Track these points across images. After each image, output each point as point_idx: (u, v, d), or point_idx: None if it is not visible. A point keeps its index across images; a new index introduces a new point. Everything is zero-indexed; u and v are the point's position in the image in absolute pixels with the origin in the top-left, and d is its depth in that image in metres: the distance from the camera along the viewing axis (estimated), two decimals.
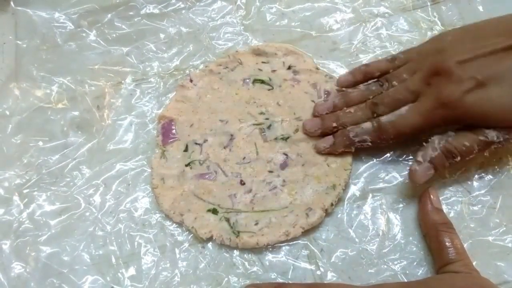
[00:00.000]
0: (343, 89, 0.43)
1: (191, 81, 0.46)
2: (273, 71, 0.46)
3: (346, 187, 0.41)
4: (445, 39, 0.39)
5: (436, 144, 0.37)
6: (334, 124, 0.40)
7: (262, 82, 0.46)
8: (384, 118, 0.38)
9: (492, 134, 0.35)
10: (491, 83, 0.35)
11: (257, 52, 0.47)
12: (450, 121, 0.37)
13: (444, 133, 0.37)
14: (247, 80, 0.46)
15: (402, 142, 0.41)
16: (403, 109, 0.38)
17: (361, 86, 0.42)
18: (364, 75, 0.42)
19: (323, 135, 0.42)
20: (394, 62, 0.41)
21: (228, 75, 0.46)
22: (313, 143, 0.42)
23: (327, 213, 0.40)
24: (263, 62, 0.47)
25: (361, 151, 0.41)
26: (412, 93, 0.38)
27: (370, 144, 0.39)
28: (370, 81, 0.42)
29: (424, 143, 0.38)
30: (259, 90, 0.45)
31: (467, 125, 0.36)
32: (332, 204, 0.40)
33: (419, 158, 0.37)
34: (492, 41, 0.36)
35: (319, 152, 0.41)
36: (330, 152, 0.41)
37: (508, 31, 0.36)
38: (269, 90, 0.45)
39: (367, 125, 0.39)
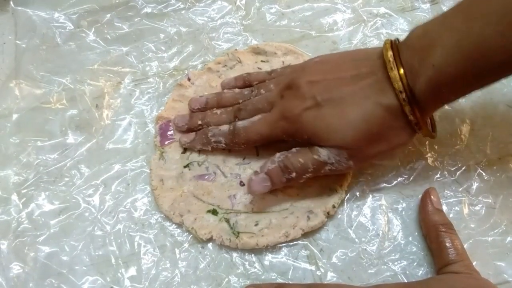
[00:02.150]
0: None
1: (189, 79, 0.46)
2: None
3: (348, 188, 0.40)
4: (313, 60, 0.40)
5: (276, 158, 0.38)
6: (200, 122, 0.43)
7: None
8: (239, 123, 0.40)
9: (324, 154, 0.36)
10: (326, 105, 0.36)
11: (257, 51, 0.47)
12: (290, 134, 0.38)
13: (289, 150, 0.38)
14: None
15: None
16: (256, 117, 0.40)
17: (236, 90, 0.44)
18: (244, 82, 0.44)
19: (189, 131, 0.43)
20: (271, 74, 0.44)
21: (227, 73, 0.46)
22: None
23: (329, 215, 0.39)
24: (262, 61, 0.47)
25: None
26: (269, 104, 0.40)
27: (224, 145, 0.41)
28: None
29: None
30: None
31: (305, 141, 0.37)
32: (334, 206, 0.39)
33: (257, 169, 0.38)
34: (342, 68, 0.37)
35: (181, 145, 0.43)
36: (190, 148, 0.43)
37: (358, 62, 0.37)
38: None
39: (225, 127, 0.41)
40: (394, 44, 0.35)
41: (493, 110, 0.43)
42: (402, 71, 0.34)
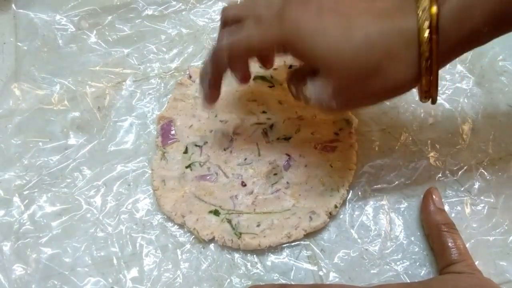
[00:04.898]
0: None
1: (190, 77, 0.46)
2: (274, 69, 0.46)
3: (350, 188, 0.40)
4: None
5: None
6: None
7: (263, 78, 0.45)
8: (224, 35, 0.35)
9: (309, 89, 0.32)
10: (331, 15, 0.30)
11: None
12: (282, 43, 0.32)
13: None
14: None
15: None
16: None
17: None
18: None
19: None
20: None
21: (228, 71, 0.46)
22: (314, 143, 0.42)
23: (331, 215, 0.39)
24: None
25: (361, 151, 0.41)
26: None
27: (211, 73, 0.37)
28: None
29: None
30: (260, 87, 0.45)
31: (298, 58, 0.33)
32: (336, 207, 0.39)
33: None
34: None
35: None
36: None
37: None
38: (270, 87, 0.45)
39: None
40: None
41: (495, 110, 0.43)
42: None
